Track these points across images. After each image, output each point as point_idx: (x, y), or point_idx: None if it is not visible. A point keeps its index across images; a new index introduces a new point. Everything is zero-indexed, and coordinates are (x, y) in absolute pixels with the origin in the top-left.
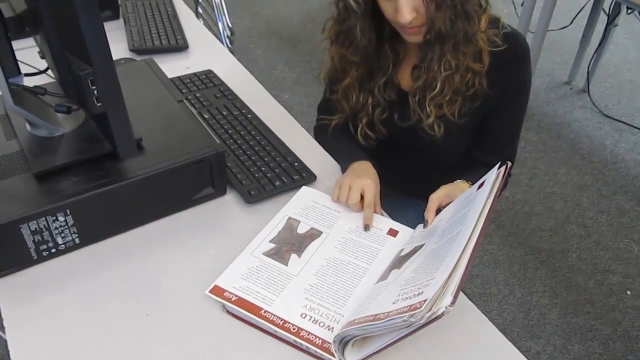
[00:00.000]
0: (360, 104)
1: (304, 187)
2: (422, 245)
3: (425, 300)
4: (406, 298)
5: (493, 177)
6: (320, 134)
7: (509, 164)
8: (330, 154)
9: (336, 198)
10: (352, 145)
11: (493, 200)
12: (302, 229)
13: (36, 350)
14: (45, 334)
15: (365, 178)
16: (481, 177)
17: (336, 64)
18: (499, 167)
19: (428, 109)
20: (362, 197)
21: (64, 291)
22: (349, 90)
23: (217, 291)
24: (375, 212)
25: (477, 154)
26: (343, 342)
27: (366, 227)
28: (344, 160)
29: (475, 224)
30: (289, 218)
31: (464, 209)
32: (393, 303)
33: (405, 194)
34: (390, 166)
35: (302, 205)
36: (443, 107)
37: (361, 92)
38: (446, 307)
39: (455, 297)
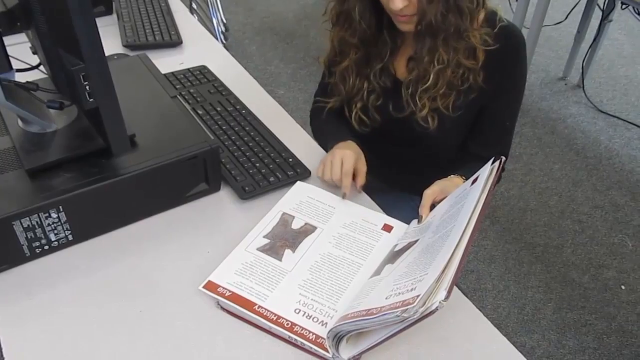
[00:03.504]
0: (356, 88)
1: (298, 182)
2: (416, 241)
3: (418, 296)
4: (399, 293)
5: (487, 172)
6: (315, 117)
7: (503, 158)
8: (319, 137)
9: (320, 174)
10: (342, 128)
11: (487, 196)
12: (296, 225)
13: (29, 347)
14: (39, 330)
15: (345, 150)
16: (475, 171)
17: (335, 46)
18: (493, 162)
19: (421, 102)
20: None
21: (57, 288)
22: (347, 73)
23: (211, 286)
24: (358, 182)
25: (471, 147)
26: (337, 337)
27: (343, 196)
28: (330, 141)
29: (469, 219)
30: (284, 213)
31: (458, 204)
32: (386, 298)
33: (399, 188)
34: (385, 159)
35: (297, 200)
36: (437, 100)
37: (358, 76)
38: (440, 302)
39: (449, 292)
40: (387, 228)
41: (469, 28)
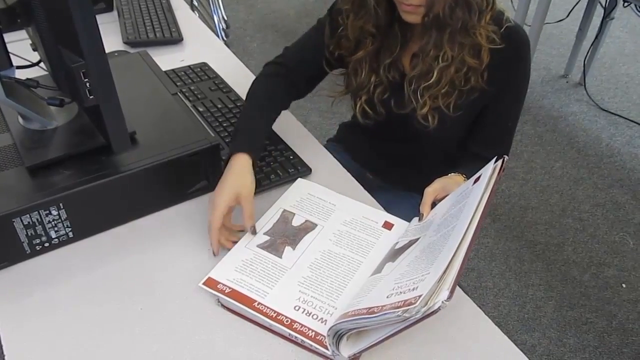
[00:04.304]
0: (364, 81)
1: (299, 179)
2: (417, 239)
3: (420, 296)
4: (400, 292)
5: (489, 171)
6: (258, 78)
7: (506, 157)
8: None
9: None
10: (262, 116)
11: (489, 195)
12: (296, 222)
13: (30, 345)
14: (39, 328)
15: (224, 186)
16: (476, 170)
17: (351, 36)
18: (496, 162)
19: (422, 99)
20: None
21: (57, 285)
22: (359, 66)
23: (211, 283)
24: (246, 224)
25: (472, 147)
26: (337, 335)
27: (214, 253)
28: (233, 140)
29: (471, 219)
30: (284, 210)
31: (460, 203)
32: (387, 297)
33: (400, 186)
34: (385, 155)
35: (297, 197)
36: (438, 99)
37: (367, 69)
38: (442, 302)
39: (452, 291)
40: (388, 226)
41: (476, 25)
